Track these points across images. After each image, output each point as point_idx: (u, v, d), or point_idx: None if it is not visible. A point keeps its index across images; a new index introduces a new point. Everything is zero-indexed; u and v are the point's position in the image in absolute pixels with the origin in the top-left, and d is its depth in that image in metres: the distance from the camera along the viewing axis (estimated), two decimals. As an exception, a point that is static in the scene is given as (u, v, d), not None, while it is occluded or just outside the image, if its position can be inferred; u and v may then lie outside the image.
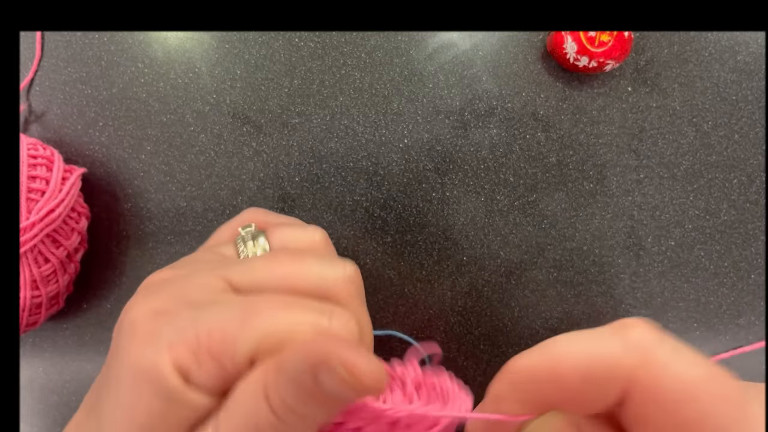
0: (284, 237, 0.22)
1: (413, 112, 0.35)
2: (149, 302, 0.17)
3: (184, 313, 0.17)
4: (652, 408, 0.12)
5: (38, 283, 0.30)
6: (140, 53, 0.35)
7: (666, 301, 0.36)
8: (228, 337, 0.16)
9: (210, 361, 0.16)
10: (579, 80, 0.35)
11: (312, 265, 0.19)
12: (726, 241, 0.36)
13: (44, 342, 0.37)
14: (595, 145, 0.35)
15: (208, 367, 0.16)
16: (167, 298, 0.18)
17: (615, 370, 0.13)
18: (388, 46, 0.35)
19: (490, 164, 0.35)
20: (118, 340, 0.17)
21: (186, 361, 0.16)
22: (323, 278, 0.19)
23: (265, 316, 0.16)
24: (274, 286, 0.18)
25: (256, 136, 0.35)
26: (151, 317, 0.17)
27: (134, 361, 0.16)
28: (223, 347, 0.16)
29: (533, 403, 0.14)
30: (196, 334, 0.16)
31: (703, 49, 0.34)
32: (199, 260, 0.21)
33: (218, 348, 0.16)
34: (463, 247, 0.36)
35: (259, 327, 0.16)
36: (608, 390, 0.13)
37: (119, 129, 0.35)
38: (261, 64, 0.35)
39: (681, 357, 0.13)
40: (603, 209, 0.36)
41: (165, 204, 0.36)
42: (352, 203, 0.36)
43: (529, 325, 0.36)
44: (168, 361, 0.16)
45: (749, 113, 0.35)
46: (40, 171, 0.30)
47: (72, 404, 0.38)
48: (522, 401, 0.14)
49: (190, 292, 0.18)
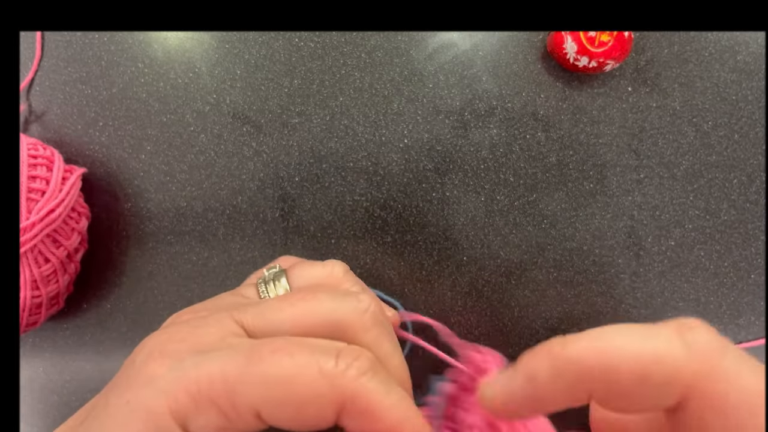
0: (304, 274, 0.22)
1: (413, 112, 0.35)
2: (159, 344, 0.17)
3: (189, 357, 0.16)
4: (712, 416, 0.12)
5: (38, 283, 0.30)
6: (140, 53, 0.35)
7: (666, 301, 0.36)
8: (229, 383, 0.15)
9: (210, 408, 0.15)
10: (579, 80, 0.35)
11: (324, 300, 0.19)
12: (726, 241, 0.36)
13: (44, 342, 0.38)
14: (595, 145, 0.35)
15: (209, 415, 0.15)
16: (177, 342, 0.17)
17: (677, 376, 0.12)
18: (388, 46, 0.35)
19: (490, 164, 0.35)
20: (125, 372, 0.17)
21: (184, 407, 0.15)
22: (335, 312, 0.19)
23: (267, 361, 0.16)
24: (288, 326, 0.18)
25: (256, 136, 0.35)
26: (156, 359, 0.17)
27: (131, 399, 0.16)
28: (225, 394, 0.15)
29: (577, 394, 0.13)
30: (197, 379, 0.16)
31: (703, 49, 0.34)
32: (220, 303, 0.21)
33: (219, 395, 0.15)
34: (463, 247, 0.36)
35: (261, 373, 0.16)
36: (665, 394, 0.12)
37: (119, 129, 0.35)
38: (261, 64, 0.35)
39: (746, 368, 0.12)
40: (603, 209, 0.36)
41: (165, 204, 0.36)
42: (352, 203, 0.36)
43: (529, 325, 0.36)
44: (164, 406, 0.15)
45: (749, 113, 0.35)
46: (41, 171, 0.30)
47: (72, 404, 0.38)
48: (564, 390, 0.13)
49: (201, 336, 0.18)
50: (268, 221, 0.36)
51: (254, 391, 0.15)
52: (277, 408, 0.15)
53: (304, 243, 0.36)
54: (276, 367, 0.16)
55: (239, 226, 0.36)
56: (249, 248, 0.36)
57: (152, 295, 0.37)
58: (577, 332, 0.13)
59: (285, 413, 0.16)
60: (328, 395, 0.15)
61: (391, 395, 0.16)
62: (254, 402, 0.15)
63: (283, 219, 0.36)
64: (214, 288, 0.36)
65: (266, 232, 0.36)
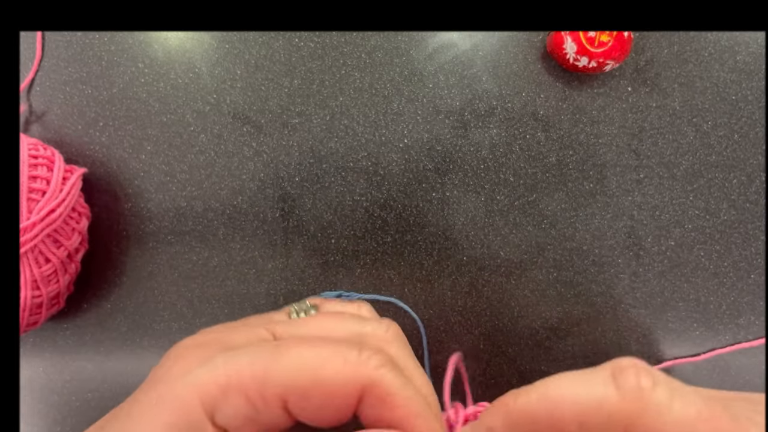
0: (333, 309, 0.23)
1: (413, 112, 0.35)
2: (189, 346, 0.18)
3: (220, 354, 0.17)
4: None
5: (39, 283, 0.30)
6: (140, 53, 0.35)
7: (666, 300, 0.36)
8: (257, 374, 0.16)
9: (238, 398, 0.16)
10: (579, 80, 0.35)
11: (350, 321, 0.20)
12: (726, 241, 0.36)
13: (45, 342, 0.38)
14: (595, 145, 0.35)
15: (237, 403, 0.16)
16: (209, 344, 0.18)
17: (614, 417, 0.13)
18: (388, 46, 0.35)
19: (490, 164, 0.35)
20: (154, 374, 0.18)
21: (214, 398, 0.16)
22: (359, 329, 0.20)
23: (294, 351, 0.17)
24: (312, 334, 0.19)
25: (257, 136, 0.35)
26: (187, 357, 0.18)
27: (162, 392, 0.17)
28: (254, 384, 0.16)
29: None
30: (227, 372, 0.16)
31: (703, 49, 0.34)
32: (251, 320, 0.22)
33: (248, 385, 0.16)
34: (463, 247, 0.36)
35: (287, 363, 0.16)
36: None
37: (120, 129, 0.35)
38: (261, 64, 0.35)
39: (677, 399, 0.13)
40: (603, 209, 0.36)
41: (165, 204, 0.36)
42: (352, 203, 0.36)
43: (529, 325, 0.36)
44: (195, 396, 0.16)
45: (749, 113, 0.35)
46: (41, 171, 0.30)
47: (72, 404, 0.38)
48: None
49: (231, 338, 0.19)
50: (268, 221, 0.36)
51: (282, 379, 0.16)
52: (303, 396, 0.16)
53: (304, 243, 0.36)
54: (303, 357, 0.16)
55: (239, 226, 0.36)
56: (249, 248, 0.36)
57: (152, 294, 0.37)
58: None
59: (311, 401, 0.16)
60: (351, 383, 0.16)
61: (408, 388, 0.17)
62: (282, 390, 0.16)
63: (283, 219, 0.36)
64: (214, 288, 0.36)
65: (266, 232, 0.36)
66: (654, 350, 0.37)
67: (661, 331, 0.36)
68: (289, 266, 0.36)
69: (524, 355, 0.37)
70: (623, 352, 0.36)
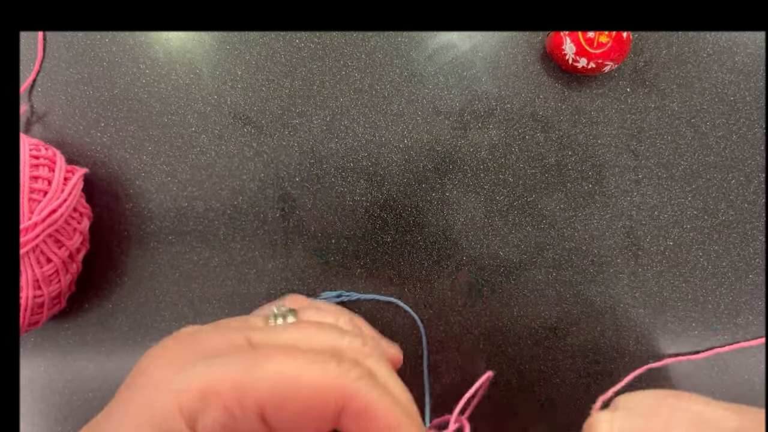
0: (312, 316, 0.23)
1: (413, 112, 0.35)
2: (167, 351, 0.18)
3: (198, 362, 0.17)
4: None
5: (40, 282, 0.30)
6: (142, 54, 0.35)
7: (664, 300, 0.36)
8: (236, 383, 0.16)
9: (216, 407, 0.16)
10: (578, 81, 0.35)
11: (329, 332, 0.20)
12: (724, 241, 0.36)
13: (46, 341, 0.38)
14: (594, 146, 0.35)
15: (216, 413, 0.16)
16: (185, 349, 0.18)
17: None
18: (388, 47, 0.35)
19: (489, 164, 0.35)
20: (131, 381, 0.18)
21: (193, 406, 0.16)
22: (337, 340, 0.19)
23: (273, 360, 0.16)
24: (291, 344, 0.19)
25: (257, 136, 0.35)
26: (164, 365, 0.17)
27: (140, 402, 0.16)
28: (232, 392, 0.16)
29: None
30: (206, 380, 0.16)
31: (702, 50, 0.35)
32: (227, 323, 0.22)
33: (227, 393, 0.16)
34: (463, 247, 0.36)
35: (268, 371, 0.16)
36: None
37: (121, 129, 0.35)
38: (262, 65, 0.35)
39: None
40: (602, 209, 0.36)
41: (166, 204, 0.36)
42: (352, 203, 0.36)
43: (529, 325, 0.36)
44: (174, 406, 0.16)
45: (747, 114, 0.35)
46: (42, 171, 0.30)
47: (73, 404, 0.38)
48: None
49: (208, 344, 0.18)
50: (269, 221, 0.36)
51: (261, 388, 0.16)
52: (281, 406, 0.16)
53: (304, 243, 0.36)
54: (282, 366, 0.16)
55: (240, 226, 0.36)
56: (249, 248, 0.36)
57: (153, 294, 0.37)
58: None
59: (288, 411, 0.16)
60: (330, 394, 0.16)
61: (387, 398, 0.17)
62: (260, 399, 0.16)
63: (283, 219, 0.36)
64: (215, 288, 0.37)
65: (267, 232, 0.36)
66: (653, 350, 0.37)
67: (659, 331, 0.37)
68: (289, 266, 0.36)
69: (524, 355, 0.37)
70: (622, 352, 0.37)
